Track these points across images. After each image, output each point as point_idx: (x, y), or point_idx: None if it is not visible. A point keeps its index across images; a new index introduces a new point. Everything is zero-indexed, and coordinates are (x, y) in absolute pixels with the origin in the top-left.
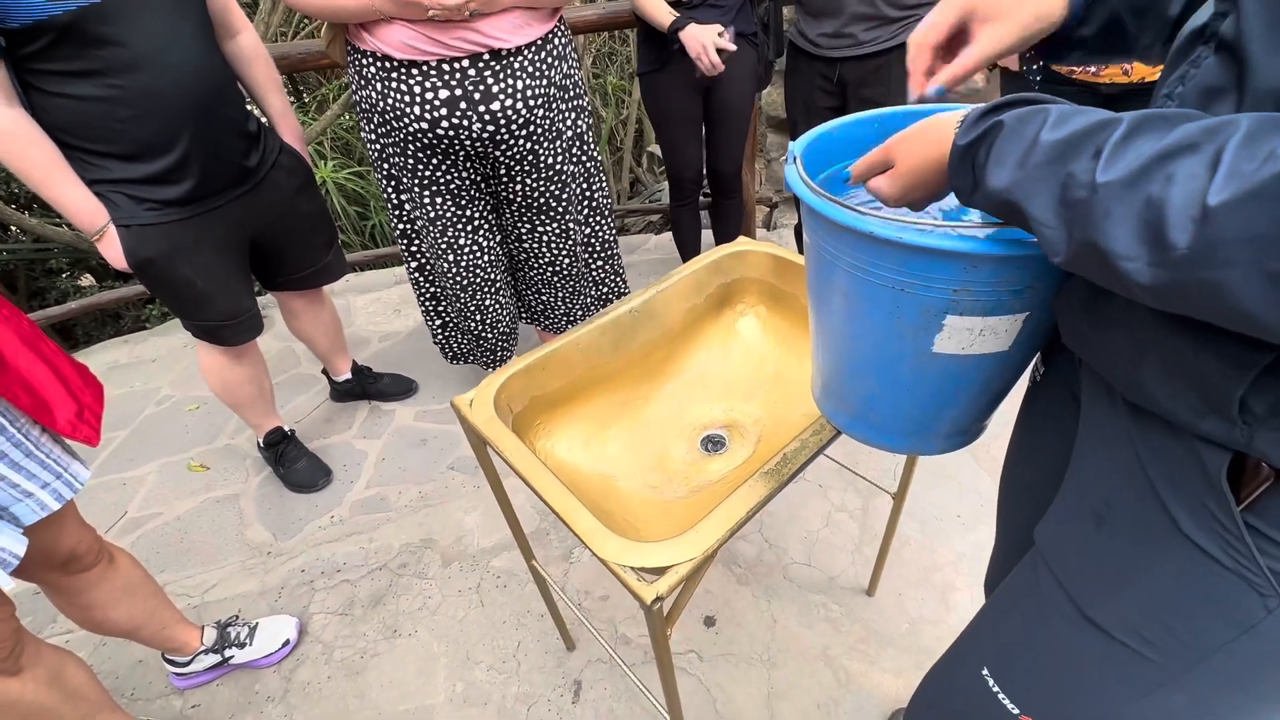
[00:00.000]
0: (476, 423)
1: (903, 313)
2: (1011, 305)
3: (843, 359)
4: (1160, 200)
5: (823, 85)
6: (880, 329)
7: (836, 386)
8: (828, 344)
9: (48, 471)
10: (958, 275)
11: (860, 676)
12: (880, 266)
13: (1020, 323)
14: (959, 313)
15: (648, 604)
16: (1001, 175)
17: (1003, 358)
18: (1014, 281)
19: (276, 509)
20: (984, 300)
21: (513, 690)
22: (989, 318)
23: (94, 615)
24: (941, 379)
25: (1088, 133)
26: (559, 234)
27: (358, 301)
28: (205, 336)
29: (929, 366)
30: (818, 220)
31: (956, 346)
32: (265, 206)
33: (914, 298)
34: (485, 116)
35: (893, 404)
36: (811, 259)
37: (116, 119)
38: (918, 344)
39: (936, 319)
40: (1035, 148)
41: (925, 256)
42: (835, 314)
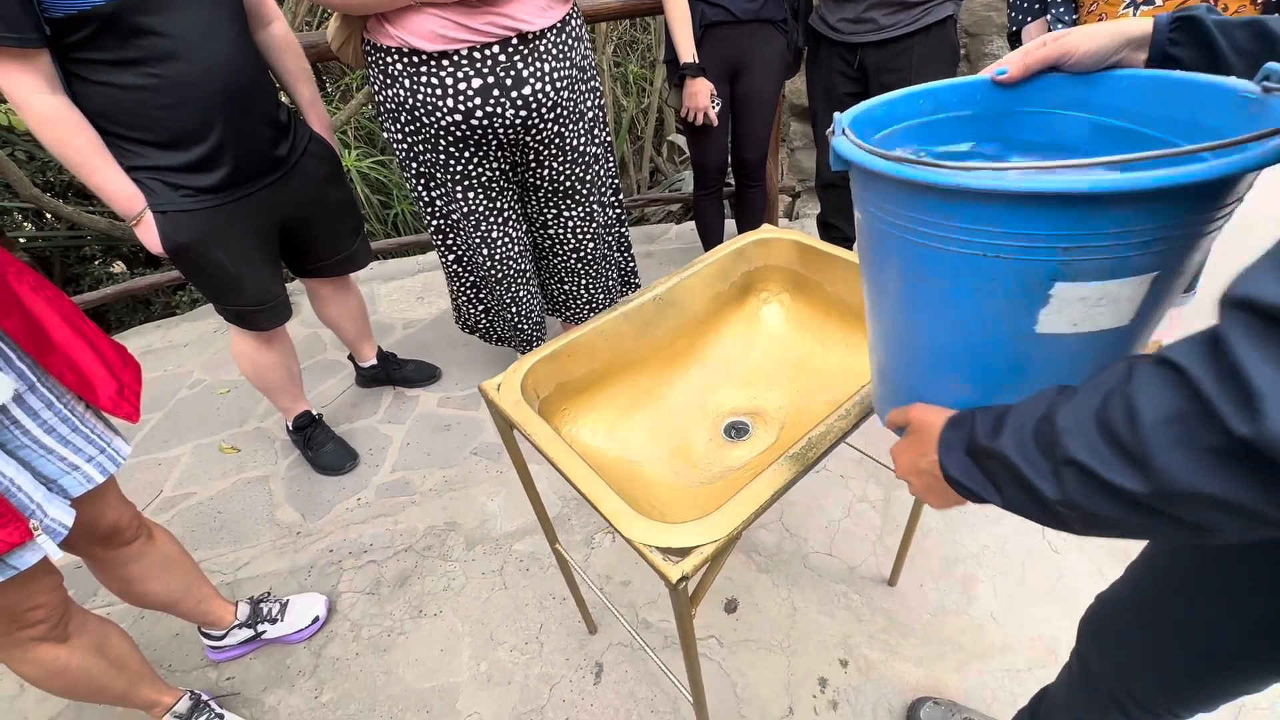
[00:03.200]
0: (504, 407)
1: (996, 286)
2: (1138, 263)
3: (916, 356)
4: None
5: (843, 71)
6: (966, 312)
7: (907, 391)
8: (893, 340)
9: (93, 446)
10: (1070, 228)
11: (881, 665)
12: (962, 231)
13: (1148, 286)
14: (1071, 278)
15: (673, 583)
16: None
17: (1122, 334)
18: (1144, 231)
19: (305, 491)
20: (1103, 259)
21: (535, 670)
22: (1108, 282)
23: (134, 588)
24: (1048, 368)
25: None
26: (584, 217)
27: (382, 289)
28: (237, 321)
29: (1031, 354)
30: (878, 184)
31: (1067, 323)
32: (295, 194)
33: (1010, 264)
34: (518, 102)
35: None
36: (869, 239)
37: (155, 107)
38: (1015, 326)
39: (1041, 289)
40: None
41: (1026, 207)
42: (903, 302)
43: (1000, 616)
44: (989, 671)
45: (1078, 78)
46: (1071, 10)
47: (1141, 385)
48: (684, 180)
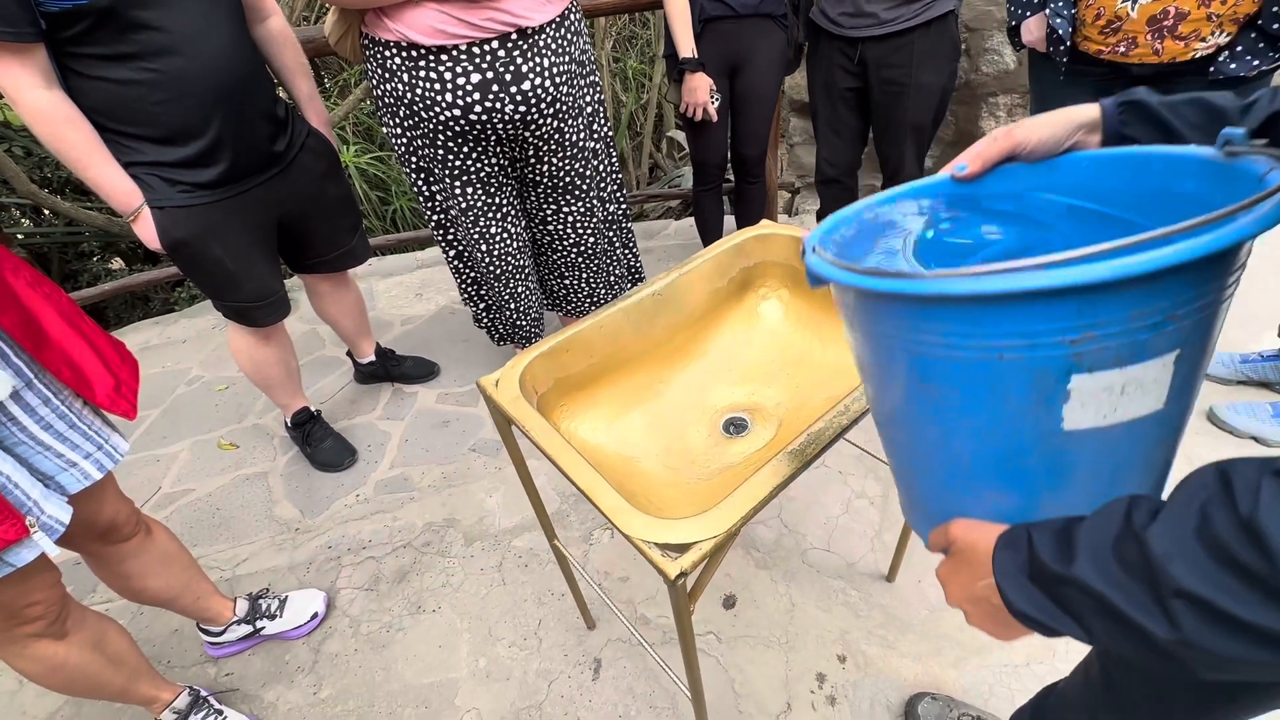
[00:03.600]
0: (502, 402)
1: (1009, 388)
2: (1156, 345)
3: (941, 469)
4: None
5: (844, 65)
6: (983, 418)
7: (939, 506)
8: (913, 453)
9: (90, 442)
10: (1073, 320)
11: (879, 661)
12: (958, 335)
13: (1172, 365)
14: (1086, 369)
15: (672, 579)
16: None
17: (1161, 419)
18: (1153, 311)
19: (304, 487)
20: (1117, 346)
21: (534, 666)
22: (1129, 368)
23: (133, 584)
24: (1091, 466)
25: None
26: (584, 213)
27: (380, 285)
28: (235, 317)
29: (1067, 452)
30: (862, 301)
31: (1096, 417)
32: (293, 190)
33: (1019, 363)
34: (518, 97)
35: (1034, 514)
36: (863, 350)
37: (151, 102)
38: (1041, 425)
39: (1058, 386)
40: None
41: (1019, 306)
42: (912, 414)
43: None
44: (987, 667)
45: (1039, 164)
46: (1070, 4)
47: (1265, 503)
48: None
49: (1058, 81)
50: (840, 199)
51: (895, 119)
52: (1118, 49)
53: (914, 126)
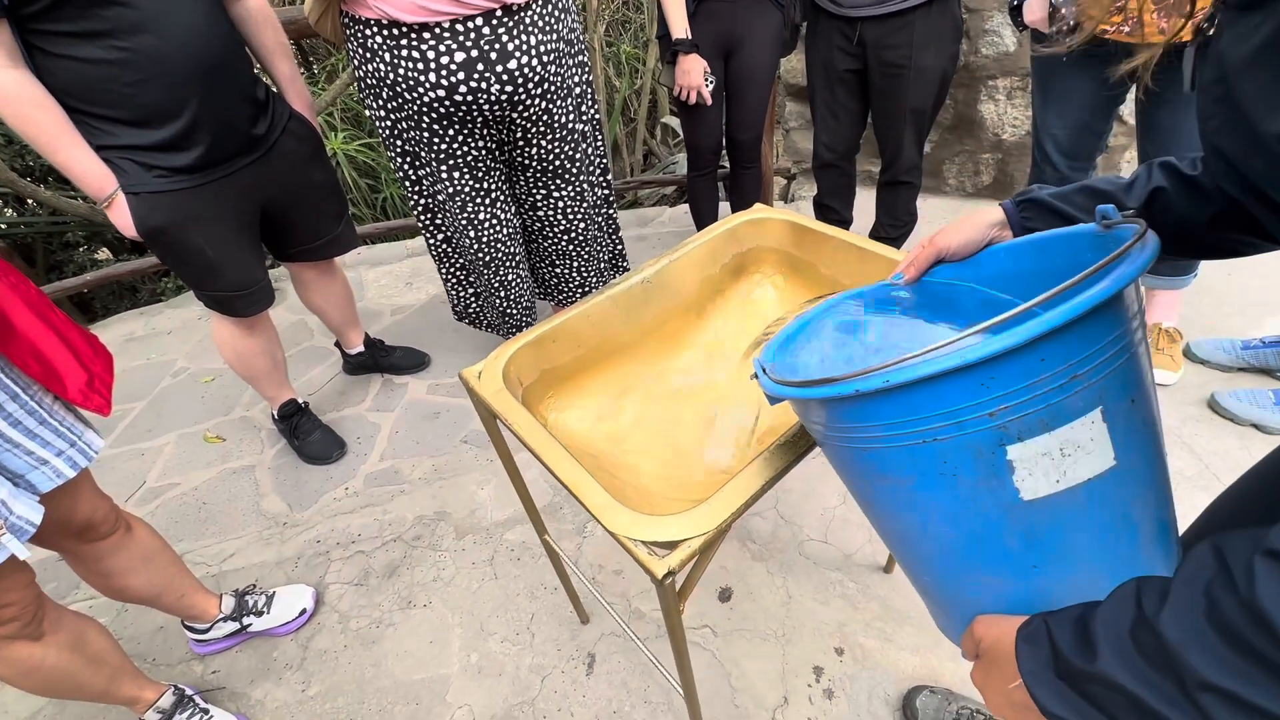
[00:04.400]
0: (485, 395)
1: (953, 467)
2: (1073, 405)
3: (931, 559)
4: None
5: (843, 46)
6: (944, 500)
7: (950, 601)
8: (907, 549)
9: (62, 439)
10: (983, 394)
11: (876, 653)
12: (887, 427)
13: (1102, 421)
14: (1017, 438)
15: (659, 579)
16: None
17: (1122, 475)
18: (1053, 376)
19: (292, 480)
20: (1035, 412)
21: (527, 661)
22: (1057, 430)
23: (114, 582)
24: (1068, 533)
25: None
26: (574, 197)
27: (369, 275)
28: (217, 307)
29: (1038, 523)
30: (801, 407)
31: (1049, 483)
32: (275, 175)
33: (952, 443)
34: (504, 77)
35: (1041, 595)
36: (831, 457)
37: (123, 82)
38: (1000, 498)
39: (998, 458)
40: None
41: (927, 390)
42: (886, 509)
43: None
44: None
45: (965, 261)
46: None
47: (1261, 587)
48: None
49: (1060, 63)
50: (838, 184)
51: (894, 102)
52: (1122, 28)
53: (914, 110)
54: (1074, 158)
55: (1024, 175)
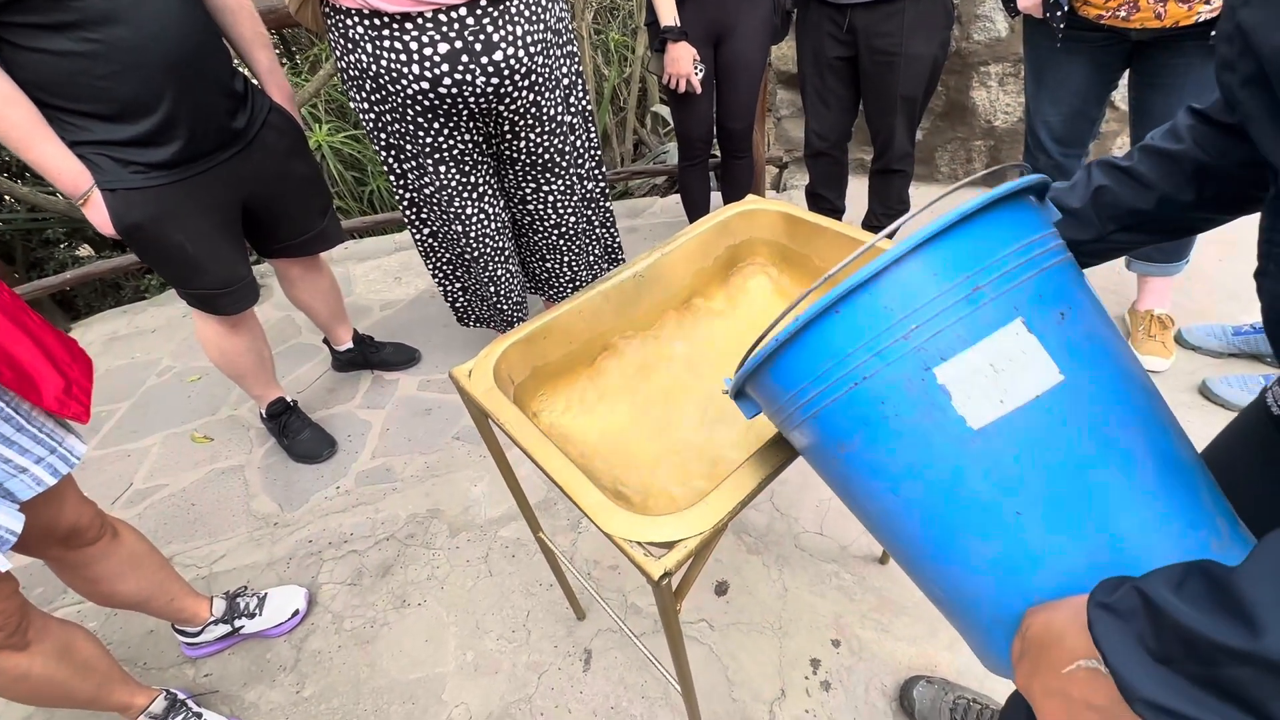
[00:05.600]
0: (476, 394)
1: (896, 406)
2: (986, 317)
3: (921, 532)
4: None
5: (833, 33)
6: (905, 449)
7: (966, 595)
8: (901, 537)
9: (41, 446)
10: (892, 317)
11: (873, 645)
12: (823, 375)
13: (1028, 332)
14: (940, 358)
15: (655, 580)
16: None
17: (1073, 390)
18: (953, 288)
19: (282, 480)
20: (946, 328)
21: (523, 659)
22: (979, 344)
23: (101, 588)
24: (1050, 470)
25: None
26: (564, 190)
27: (357, 270)
28: (200, 305)
29: (1004, 458)
30: (761, 402)
31: (992, 404)
32: (256, 169)
33: (884, 380)
34: (489, 69)
35: (1055, 564)
36: (812, 459)
37: (96, 76)
38: (950, 434)
39: (929, 384)
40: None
41: (834, 326)
42: (862, 487)
43: None
44: None
45: None
46: None
47: None
48: (668, 152)
49: (1054, 49)
50: (830, 173)
51: (886, 90)
52: (1118, 13)
53: (905, 97)
54: (1067, 144)
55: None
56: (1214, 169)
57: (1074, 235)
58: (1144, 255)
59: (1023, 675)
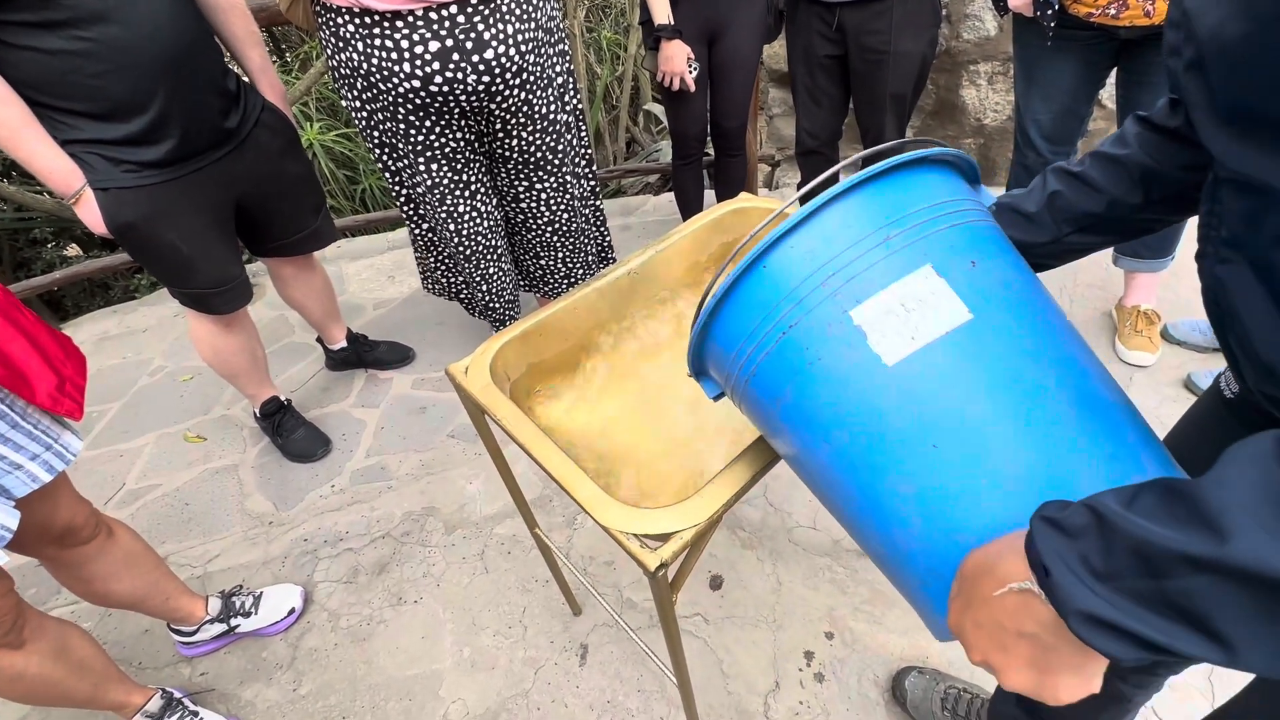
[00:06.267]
0: (472, 390)
1: (816, 352)
2: (899, 263)
3: (854, 485)
4: None
5: (822, 31)
6: (824, 392)
7: (901, 544)
8: (839, 493)
9: (36, 443)
10: (805, 266)
11: (866, 636)
12: (749, 337)
13: (937, 276)
14: (856, 301)
15: (652, 571)
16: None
17: (984, 327)
18: (867, 239)
19: (276, 479)
20: (861, 273)
21: (520, 654)
22: (890, 287)
23: (95, 588)
24: (962, 402)
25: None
26: (556, 189)
27: (350, 268)
28: (193, 305)
29: (920, 391)
30: (711, 372)
31: (904, 339)
32: (249, 168)
33: (807, 329)
34: (480, 67)
35: (974, 504)
36: (754, 417)
37: (87, 74)
38: (869, 372)
39: (847, 326)
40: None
41: (762, 278)
42: (800, 441)
43: None
44: None
45: None
46: None
47: None
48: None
49: (1044, 47)
50: (821, 171)
51: (875, 88)
52: (1108, 11)
53: (894, 95)
54: (1056, 141)
55: (1006, 160)
56: (1158, 173)
57: (1032, 238)
58: (1131, 251)
59: (954, 614)
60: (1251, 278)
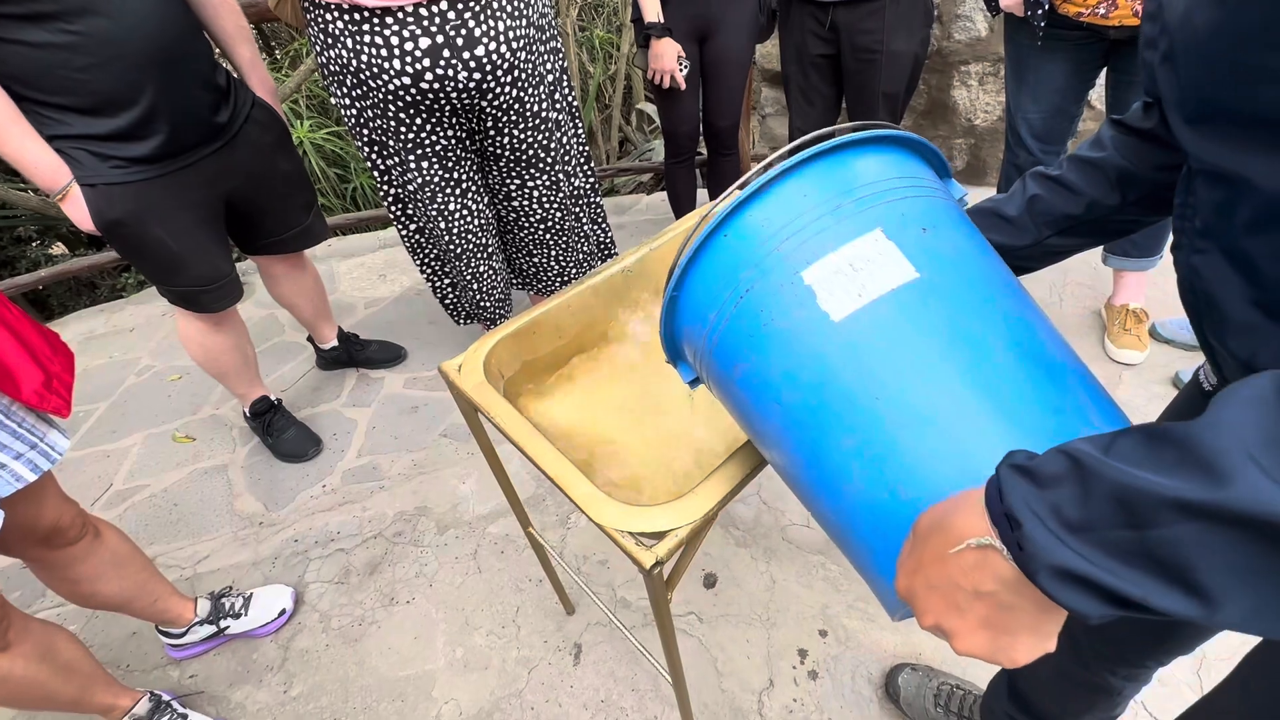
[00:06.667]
0: (466, 388)
1: (769, 314)
2: (848, 228)
3: (806, 448)
4: None
5: (815, 30)
6: (777, 358)
7: (851, 508)
8: (792, 458)
9: (21, 441)
10: (761, 231)
11: (859, 634)
12: (710, 301)
13: (886, 239)
14: (808, 263)
15: (647, 569)
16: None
17: (929, 286)
18: (820, 205)
19: (266, 479)
20: (814, 237)
21: (513, 654)
22: (840, 249)
23: (82, 589)
24: (907, 358)
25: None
26: (549, 186)
27: (341, 267)
28: (182, 303)
29: (864, 346)
30: (681, 333)
31: (851, 296)
32: (240, 165)
33: (761, 291)
34: (471, 64)
35: (924, 460)
36: (717, 390)
37: (74, 68)
38: (818, 329)
39: (798, 285)
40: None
41: (725, 243)
42: (756, 408)
43: None
44: None
45: None
46: None
47: None
48: (654, 150)
49: (1034, 47)
50: None
51: (867, 87)
52: (1098, 11)
53: (887, 95)
54: (1047, 141)
55: (996, 160)
56: (1135, 174)
57: (1014, 240)
58: (1119, 250)
59: (904, 576)
60: (1226, 266)
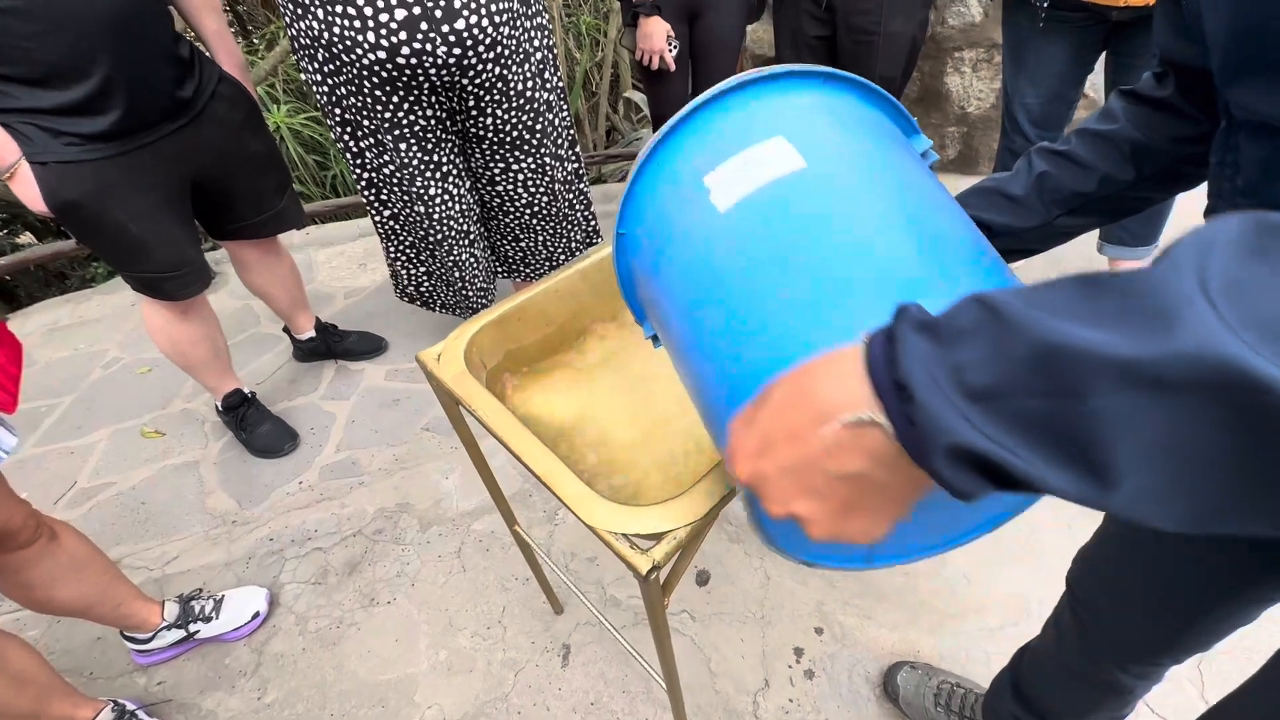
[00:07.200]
0: (445, 379)
1: (675, 214)
2: (748, 136)
3: (695, 325)
4: None
5: (811, 11)
6: (679, 252)
7: (717, 374)
8: (682, 346)
9: None
10: (682, 150)
11: (856, 631)
12: (642, 216)
13: (786, 142)
14: (710, 169)
15: (643, 574)
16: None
17: (816, 177)
18: (731, 119)
19: (240, 476)
20: (721, 147)
21: (499, 656)
22: (742, 154)
23: (37, 595)
24: (782, 230)
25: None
26: (535, 170)
27: (320, 255)
28: (147, 290)
29: (742, 233)
30: (625, 257)
31: (740, 187)
32: (206, 143)
33: (671, 196)
34: (450, 38)
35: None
36: (654, 314)
37: (18, 35)
38: (706, 217)
39: (698, 187)
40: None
41: (655, 166)
42: (666, 293)
43: (973, 576)
44: (963, 632)
45: None
46: None
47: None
48: (641, 138)
49: (1035, 30)
50: None
51: (864, 70)
52: None
53: (883, 78)
54: (1044, 127)
55: (989, 149)
56: (1150, 147)
57: (1020, 222)
58: (1115, 239)
59: (747, 459)
60: None
